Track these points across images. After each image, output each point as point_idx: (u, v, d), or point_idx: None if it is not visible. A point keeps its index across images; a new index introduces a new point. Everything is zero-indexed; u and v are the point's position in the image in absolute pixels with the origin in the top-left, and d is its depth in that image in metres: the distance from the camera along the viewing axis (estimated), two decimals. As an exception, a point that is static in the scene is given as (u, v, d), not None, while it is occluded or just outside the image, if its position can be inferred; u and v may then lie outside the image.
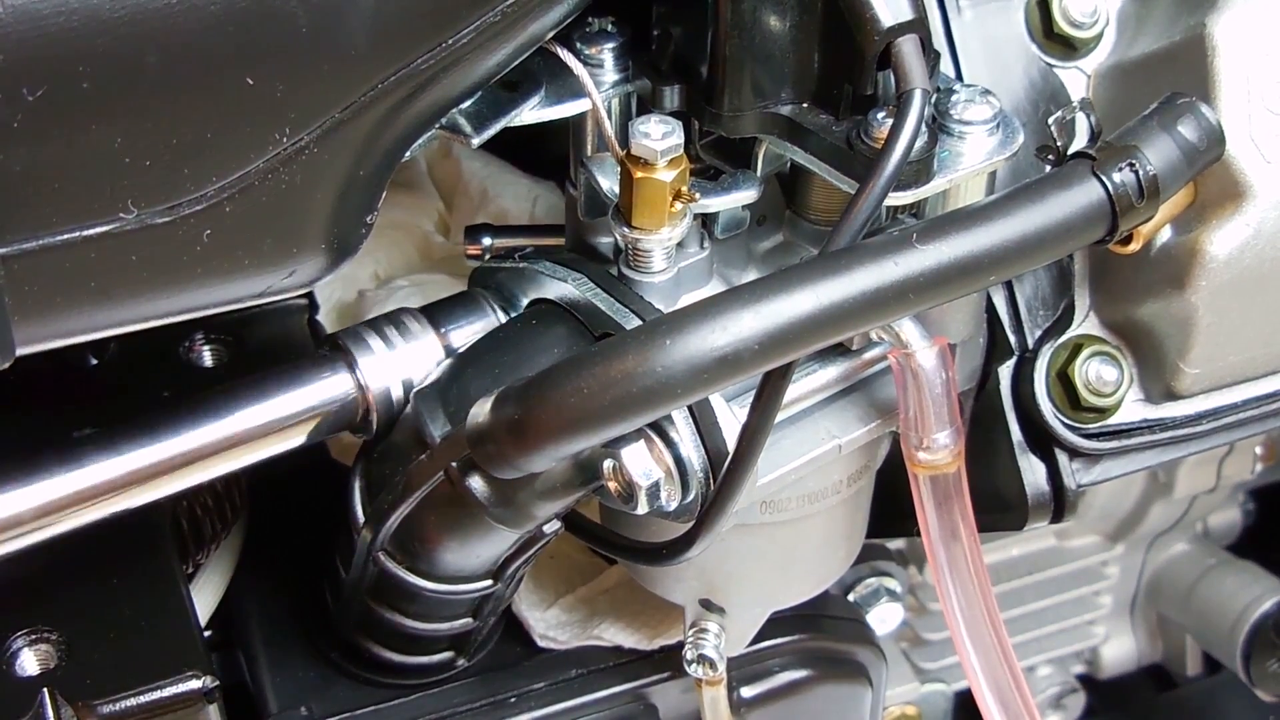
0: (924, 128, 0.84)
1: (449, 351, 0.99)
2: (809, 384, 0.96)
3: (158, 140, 0.72)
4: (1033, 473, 1.05)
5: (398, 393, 0.97)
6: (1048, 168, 0.92)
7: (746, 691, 1.16)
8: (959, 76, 1.01)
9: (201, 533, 1.13)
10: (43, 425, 1.07)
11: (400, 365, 0.97)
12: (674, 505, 0.90)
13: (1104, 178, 0.86)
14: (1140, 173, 0.87)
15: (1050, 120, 0.92)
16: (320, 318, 1.22)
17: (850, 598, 1.31)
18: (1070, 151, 0.90)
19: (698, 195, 0.93)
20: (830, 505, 1.04)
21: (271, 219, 0.79)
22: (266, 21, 0.72)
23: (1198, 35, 0.94)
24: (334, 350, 0.98)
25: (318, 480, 1.13)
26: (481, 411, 0.85)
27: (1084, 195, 0.86)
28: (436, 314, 1.00)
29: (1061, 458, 1.05)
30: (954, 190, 0.92)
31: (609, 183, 0.96)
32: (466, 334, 0.99)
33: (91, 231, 0.73)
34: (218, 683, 0.97)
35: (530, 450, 0.82)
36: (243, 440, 0.95)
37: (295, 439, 0.97)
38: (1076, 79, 1.04)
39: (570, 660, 1.14)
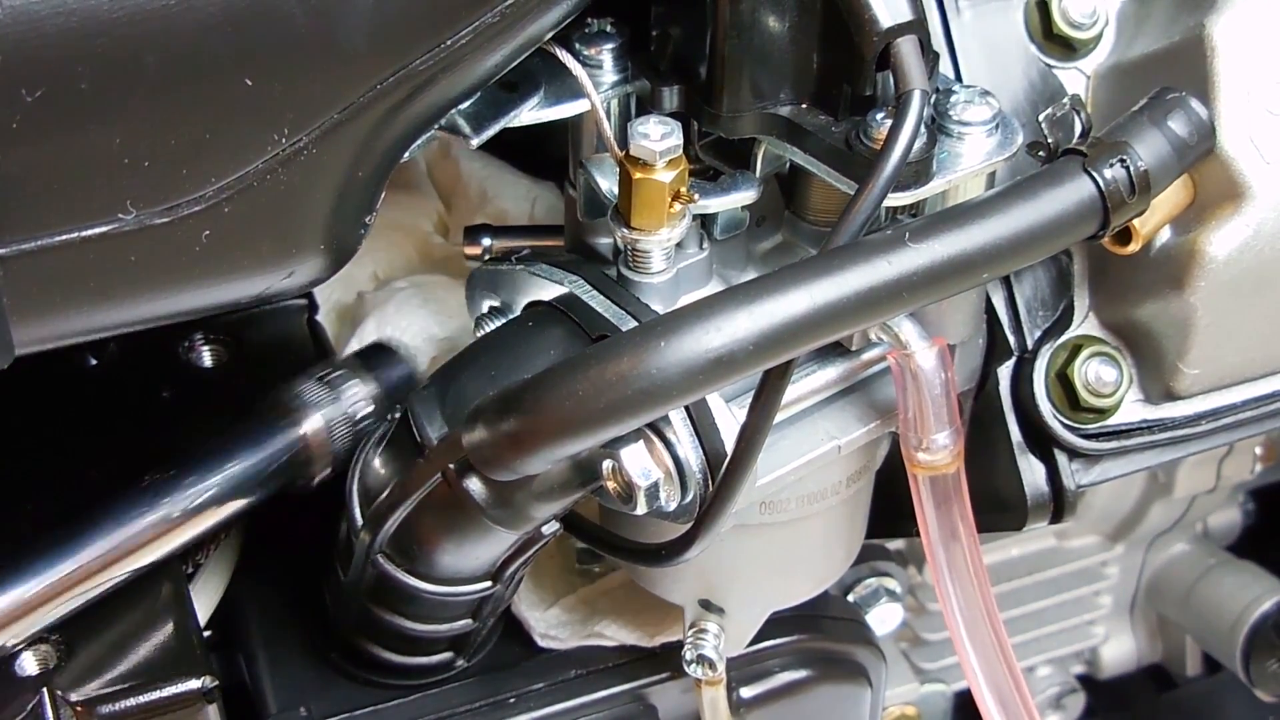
0: (923, 128, 0.84)
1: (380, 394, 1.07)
2: (808, 385, 0.96)
3: (156, 141, 0.72)
4: (1032, 473, 1.05)
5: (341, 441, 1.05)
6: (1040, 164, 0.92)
7: (746, 692, 1.16)
8: (958, 77, 1.01)
9: (201, 533, 1.13)
10: (43, 427, 1.07)
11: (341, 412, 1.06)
12: (673, 506, 0.90)
13: (1095, 174, 0.86)
14: (1131, 168, 0.87)
15: (1041, 117, 0.93)
16: (320, 318, 1.22)
17: (850, 598, 1.31)
18: (1062, 148, 0.90)
19: (697, 196, 0.93)
20: (829, 506, 1.04)
21: (270, 220, 0.79)
22: (265, 22, 0.72)
23: (1197, 36, 0.94)
24: (276, 412, 1.04)
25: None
26: (477, 414, 0.85)
27: (1075, 191, 0.86)
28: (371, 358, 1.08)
29: (1061, 458, 1.04)
30: (953, 191, 0.92)
31: (608, 183, 0.96)
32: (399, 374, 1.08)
33: (90, 232, 0.73)
34: (217, 683, 0.98)
35: (526, 453, 0.82)
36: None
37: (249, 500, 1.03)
38: (1076, 79, 1.03)
39: (570, 660, 1.14)
